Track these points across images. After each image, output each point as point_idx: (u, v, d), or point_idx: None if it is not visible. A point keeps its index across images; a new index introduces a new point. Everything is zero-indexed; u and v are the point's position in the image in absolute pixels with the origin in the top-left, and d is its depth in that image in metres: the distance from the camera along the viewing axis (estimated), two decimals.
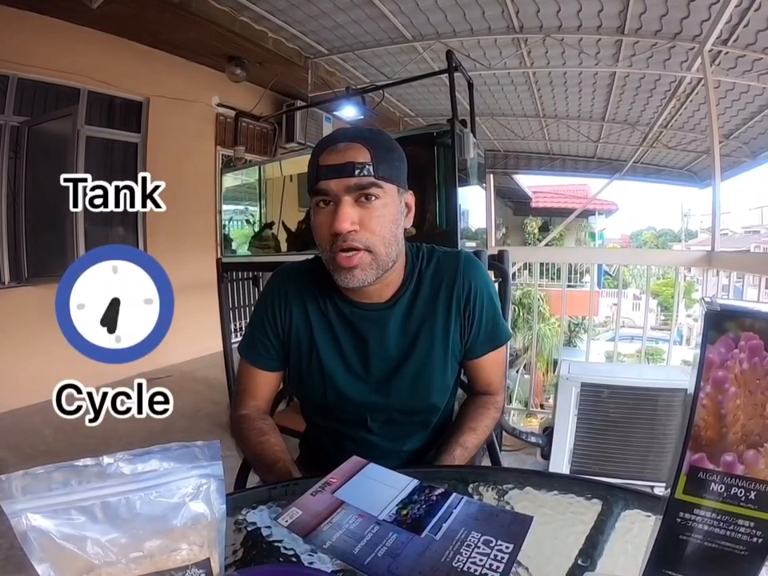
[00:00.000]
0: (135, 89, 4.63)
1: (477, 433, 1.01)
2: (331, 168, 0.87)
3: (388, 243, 0.91)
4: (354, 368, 1.02)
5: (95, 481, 0.33)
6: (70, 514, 0.33)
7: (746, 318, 0.41)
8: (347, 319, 1.01)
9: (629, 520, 0.71)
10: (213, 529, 0.36)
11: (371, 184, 0.87)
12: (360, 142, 0.88)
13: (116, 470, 0.33)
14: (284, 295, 1.04)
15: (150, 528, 0.34)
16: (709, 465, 0.44)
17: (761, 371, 0.41)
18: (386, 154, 0.90)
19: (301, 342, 1.03)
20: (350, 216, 0.87)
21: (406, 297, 1.01)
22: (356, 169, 0.86)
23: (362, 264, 0.90)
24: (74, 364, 4.32)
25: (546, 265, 7.86)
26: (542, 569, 0.60)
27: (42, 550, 0.33)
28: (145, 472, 0.34)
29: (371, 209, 0.89)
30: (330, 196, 0.88)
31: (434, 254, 1.06)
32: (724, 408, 0.42)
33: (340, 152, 0.87)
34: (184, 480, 0.35)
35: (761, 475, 0.43)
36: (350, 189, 0.87)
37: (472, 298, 1.02)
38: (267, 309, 1.05)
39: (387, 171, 0.89)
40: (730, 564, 0.46)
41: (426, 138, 2.63)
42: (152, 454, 0.34)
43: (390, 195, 0.91)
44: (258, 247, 3.53)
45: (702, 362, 0.42)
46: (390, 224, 0.92)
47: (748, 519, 0.45)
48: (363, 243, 0.89)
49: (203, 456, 0.35)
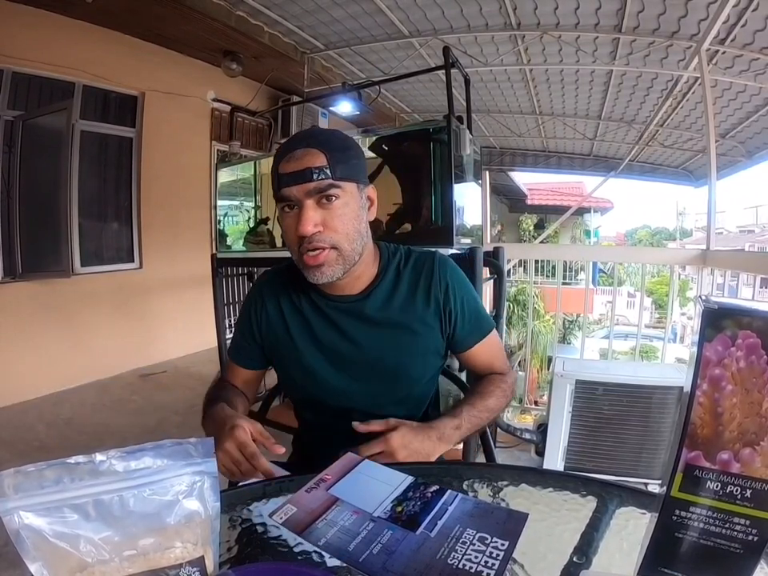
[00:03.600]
0: (130, 83, 4.61)
1: (483, 395, 1.05)
2: (291, 175, 0.91)
3: (352, 239, 0.96)
4: (332, 358, 1.07)
5: (88, 478, 0.32)
6: (63, 512, 0.32)
7: (744, 316, 0.40)
8: (323, 312, 1.07)
9: (623, 517, 0.71)
10: (207, 526, 0.36)
11: (330, 186, 0.92)
12: (315, 147, 0.92)
13: (109, 468, 0.33)
14: (259, 297, 1.12)
15: (144, 526, 0.34)
16: (705, 463, 0.44)
17: (758, 369, 0.41)
18: (341, 154, 0.94)
19: (278, 339, 1.10)
20: (313, 219, 0.92)
21: (381, 289, 1.06)
22: (313, 173, 0.90)
23: (328, 261, 0.95)
24: (67, 360, 4.33)
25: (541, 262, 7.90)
26: (537, 566, 0.60)
27: (34, 549, 0.33)
28: (138, 469, 0.33)
29: (332, 209, 0.93)
30: (292, 201, 0.93)
31: (411, 254, 1.11)
32: (720, 406, 0.42)
33: (297, 159, 0.91)
34: (177, 477, 0.34)
35: (757, 473, 0.43)
36: (310, 192, 0.91)
37: (450, 294, 1.07)
38: (245, 313, 1.13)
39: (344, 171, 0.93)
40: (726, 562, 0.46)
41: (422, 135, 2.63)
42: (145, 451, 0.34)
43: (350, 193, 0.95)
44: (253, 243, 3.53)
45: (698, 360, 0.42)
46: (353, 221, 0.96)
47: (744, 517, 0.45)
48: (328, 242, 0.94)
49: (197, 453, 0.35)
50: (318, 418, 1.14)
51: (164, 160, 4.97)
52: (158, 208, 4.98)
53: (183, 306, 5.24)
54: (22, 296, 3.91)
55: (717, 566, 0.46)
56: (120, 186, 4.81)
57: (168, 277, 5.11)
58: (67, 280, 3.99)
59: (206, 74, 5.25)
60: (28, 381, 3.89)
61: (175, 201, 5.14)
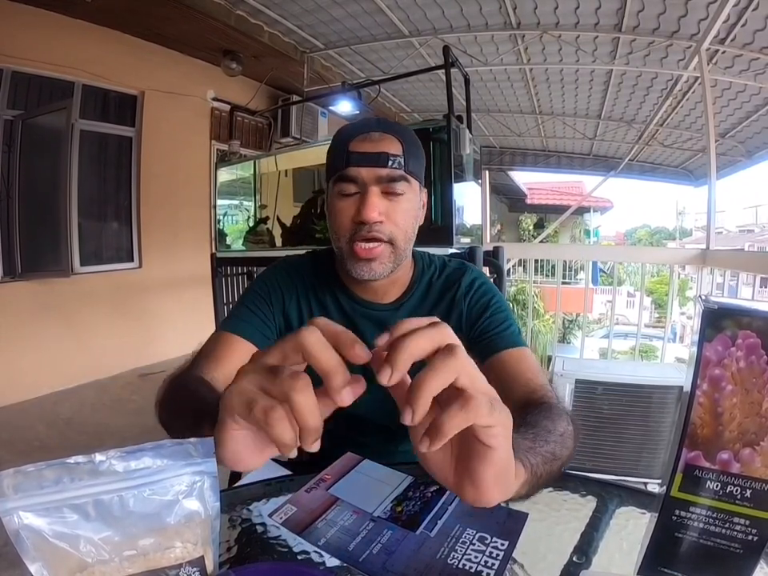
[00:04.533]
0: (130, 82, 4.61)
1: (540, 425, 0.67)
2: (363, 155, 0.85)
3: (408, 238, 0.91)
4: (353, 370, 0.91)
5: (87, 478, 0.32)
6: (63, 512, 0.32)
7: (744, 316, 0.40)
8: (347, 316, 0.97)
9: (623, 517, 0.71)
10: (207, 526, 0.36)
11: (401, 177, 0.86)
12: (392, 134, 0.87)
13: (109, 468, 0.33)
14: (287, 282, 0.98)
15: (144, 526, 0.34)
16: (705, 463, 0.44)
17: (758, 370, 0.41)
18: (416, 149, 0.90)
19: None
20: (378, 206, 0.85)
21: (411, 301, 0.98)
22: (389, 160, 0.84)
23: (382, 256, 0.87)
24: (67, 360, 4.32)
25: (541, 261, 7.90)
26: (537, 566, 0.60)
27: (34, 549, 0.33)
28: (138, 469, 0.33)
29: (398, 202, 0.87)
30: (357, 184, 0.86)
31: (446, 267, 1.03)
32: (720, 406, 0.42)
33: (374, 141, 0.85)
34: (177, 477, 0.34)
35: (757, 473, 0.43)
36: (381, 179, 0.85)
37: (474, 303, 0.97)
38: (269, 286, 0.97)
39: (415, 166, 0.89)
40: (726, 562, 0.46)
41: (422, 134, 2.62)
42: (145, 451, 0.34)
43: (414, 191, 0.90)
44: (253, 242, 3.53)
45: (698, 360, 0.42)
46: (413, 219, 0.91)
47: (744, 517, 0.45)
48: (387, 235, 0.87)
49: (197, 453, 0.35)
50: (325, 425, 0.94)
51: (163, 159, 4.97)
52: (158, 207, 4.98)
53: (182, 306, 5.24)
54: (21, 296, 3.90)
55: (717, 566, 0.46)
56: (119, 186, 4.80)
57: (167, 276, 5.11)
58: (67, 279, 3.99)
59: (206, 74, 5.25)
60: (28, 380, 3.89)
61: (174, 200, 5.14)
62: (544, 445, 0.60)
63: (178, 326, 5.20)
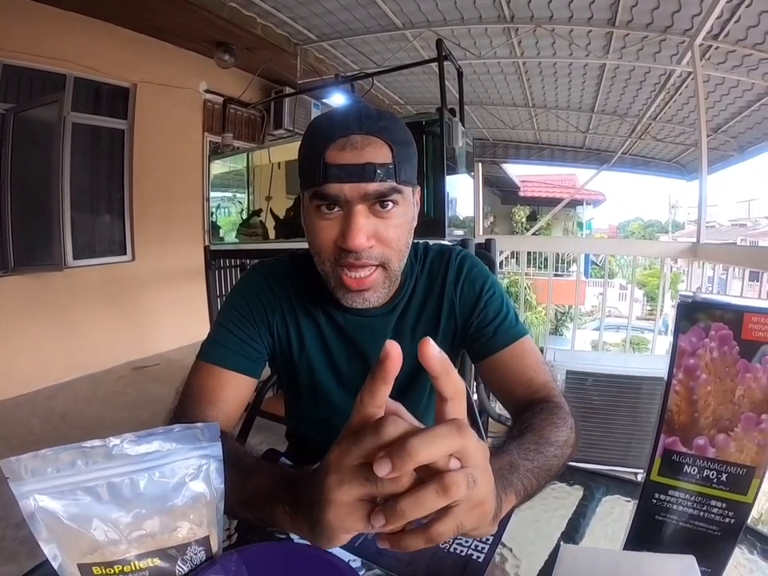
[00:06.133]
0: (122, 75, 4.58)
1: (539, 429, 0.67)
2: (344, 168, 0.69)
3: (402, 256, 0.79)
4: (350, 382, 0.90)
5: (101, 462, 0.34)
6: (76, 495, 0.34)
7: (716, 309, 0.43)
8: (339, 327, 0.88)
9: (609, 505, 0.74)
10: (212, 508, 0.38)
11: (392, 190, 0.72)
12: (378, 135, 0.71)
13: (121, 451, 0.34)
14: (269, 295, 0.87)
15: (153, 507, 0.35)
16: (682, 448, 0.47)
17: (730, 359, 0.43)
18: (407, 150, 0.75)
19: (293, 350, 0.88)
20: (366, 229, 0.71)
21: (402, 302, 0.89)
22: (377, 172, 0.70)
23: (375, 285, 0.77)
24: (60, 354, 4.31)
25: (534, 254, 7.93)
26: (525, 550, 0.63)
27: (48, 531, 0.34)
28: (149, 453, 0.35)
29: (389, 218, 0.74)
30: (338, 202, 0.71)
31: (428, 253, 0.93)
32: (695, 394, 0.45)
33: (356, 148, 0.70)
34: (185, 460, 0.36)
35: (731, 458, 0.45)
36: (368, 196, 0.71)
37: (469, 299, 0.89)
38: (249, 304, 0.86)
39: (408, 172, 0.74)
40: (705, 544, 0.49)
41: (415, 127, 2.63)
42: (155, 435, 0.35)
43: (407, 200, 0.77)
44: (246, 235, 3.54)
45: (674, 351, 0.44)
46: (407, 234, 0.78)
47: (720, 500, 0.47)
48: (378, 259, 0.75)
49: (203, 437, 0.37)
50: (317, 433, 0.92)
51: (156, 152, 4.94)
52: (151, 200, 4.95)
53: (175, 299, 5.24)
54: (14, 290, 3.89)
55: (696, 548, 0.48)
56: (112, 178, 4.78)
57: (160, 269, 5.10)
58: (59, 273, 3.98)
59: (199, 66, 5.22)
60: (21, 375, 3.88)
61: (167, 192, 5.12)
62: (544, 462, 0.60)
63: (171, 319, 5.20)
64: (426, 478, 0.38)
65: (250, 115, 5.99)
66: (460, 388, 0.39)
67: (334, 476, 0.40)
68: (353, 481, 0.39)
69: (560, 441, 0.65)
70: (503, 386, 0.84)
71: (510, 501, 0.52)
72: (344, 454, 0.39)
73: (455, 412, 0.39)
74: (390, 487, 0.38)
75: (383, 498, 0.39)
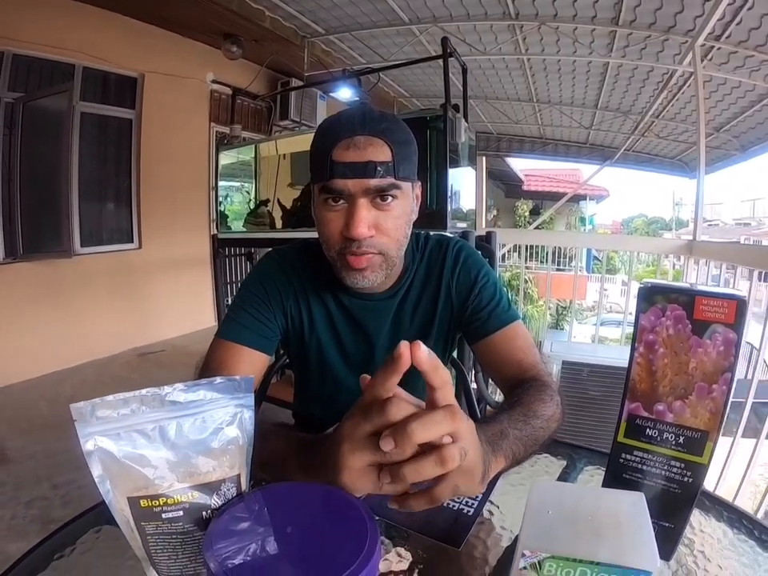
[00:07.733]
0: (130, 65, 4.64)
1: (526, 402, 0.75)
2: (349, 166, 0.79)
3: (401, 245, 0.88)
4: (356, 361, 1.00)
5: (156, 406, 0.40)
6: (132, 437, 0.40)
7: (672, 293, 0.50)
8: (346, 310, 0.98)
9: (588, 473, 0.81)
10: (243, 451, 0.44)
11: (391, 186, 0.81)
12: (380, 136, 0.80)
13: (172, 398, 0.40)
14: (282, 280, 0.96)
15: (194, 448, 0.41)
16: (644, 413, 0.54)
17: (684, 336, 0.50)
18: (406, 149, 0.84)
19: (304, 331, 0.98)
20: (367, 220, 0.81)
21: (404, 288, 0.99)
22: (377, 169, 0.79)
23: (372, 265, 0.85)
24: (68, 339, 4.38)
25: (536, 248, 7.97)
26: (510, 508, 0.70)
27: (104, 468, 0.39)
28: (194, 401, 0.41)
29: (388, 210, 0.83)
30: (343, 195, 0.81)
31: (428, 243, 1.03)
32: (655, 365, 0.52)
33: (359, 148, 0.79)
34: (224, 408, 0.42)
35: (688, 423, 0.52)
36: (369, 190, 0.80)
37: (464, 286, 0.98)
38: (266, 287, 0.95)
39: (406, 169, 0.84)
40: (667, 500, 0.55)
41: (420, 122, 2.69)
42: (200, 386, 0.41)
43: (406, 194, 0.86)
44: (253, 224, 3.59)
45: (636, 328, 0.52)
46: (405, 225, 0.87)
47: (679, 461, 0.54)
48: (377, 248, 0.84)
49: (240, 388, 0.43)
50: (326, 410, 1.04)
51: (163, 141, 5.01)
52: (157, 188, 5.02)
53: (181, 286, 5.31)
54: (22, 276, 3.97)
55: (660, 505, 0.55)
56: (119, 167, 4.85)
57: (166, 257, 5.17)
58: (68, 260, 4.06)
59: (206, 56, 5.27)
60: (29, 360, 3.96)
61: (174, 181, 5.18)
62: (531, 432, 0.68)
63: (177, 306, 5.27)
64: (425, 447, 0.46)
65: (257, 106, 6.04)
66: (446, 379, 0.47)
67: (347, 444, 0.49)
68: (364, 449, 0.48)
69: (546, 415, 0.73)
70: (496, 365, 0.92)
71: (499, 463, 0.60)
72: (356, 427, 0.48)
73: (443, 398, 0.47)
74: (395, 456, 0.46)
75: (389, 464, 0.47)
